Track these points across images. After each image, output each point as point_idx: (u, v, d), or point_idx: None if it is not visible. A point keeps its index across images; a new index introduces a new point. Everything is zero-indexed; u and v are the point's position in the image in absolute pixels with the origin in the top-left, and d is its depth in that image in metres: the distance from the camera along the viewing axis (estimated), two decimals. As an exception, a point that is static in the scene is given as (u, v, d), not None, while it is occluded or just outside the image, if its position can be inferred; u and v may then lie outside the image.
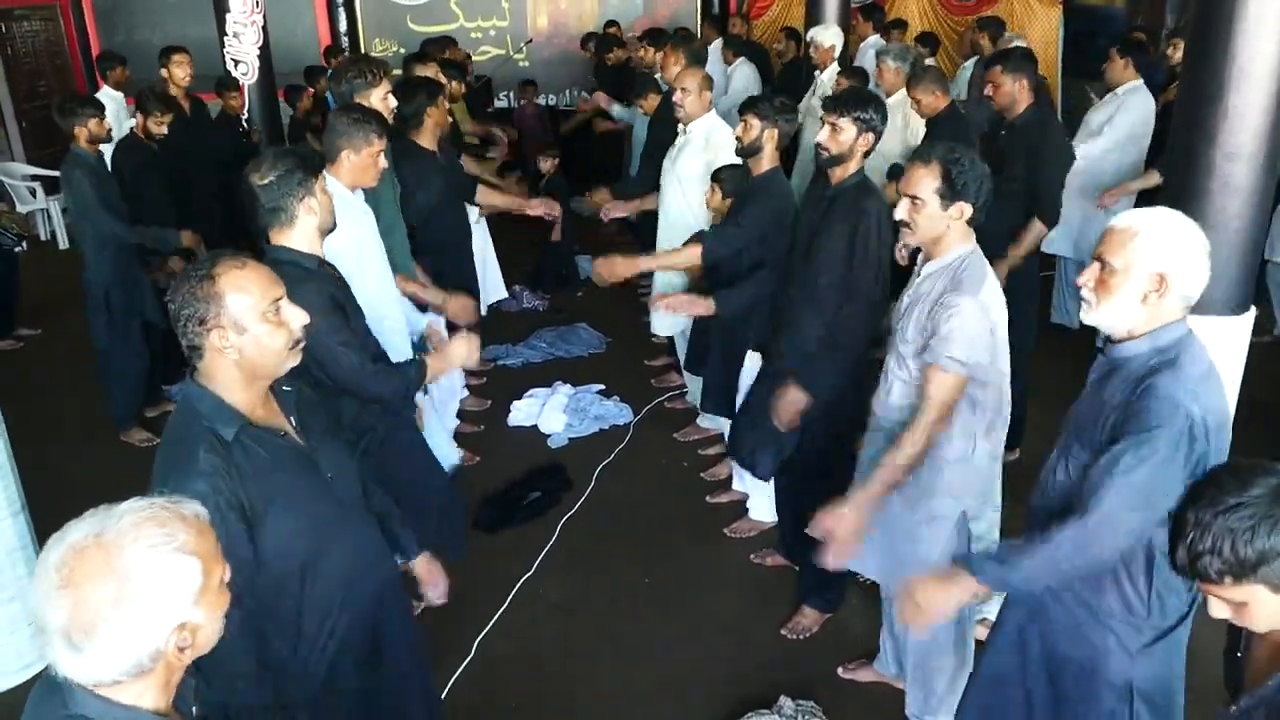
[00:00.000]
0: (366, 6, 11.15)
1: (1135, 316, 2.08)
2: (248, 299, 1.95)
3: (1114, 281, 2.07)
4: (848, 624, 3.67)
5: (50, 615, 1.30)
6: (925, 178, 2.61)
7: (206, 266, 1.96)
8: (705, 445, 5.05)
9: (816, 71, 6.90)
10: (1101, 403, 2.14)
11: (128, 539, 1.33)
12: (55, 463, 4.81)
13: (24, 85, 10.01)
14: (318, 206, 2.68)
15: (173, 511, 1.39)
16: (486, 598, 3.87)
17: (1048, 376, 4.72)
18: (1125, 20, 10.27)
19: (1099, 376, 2.21)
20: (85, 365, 5.42)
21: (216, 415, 1.97)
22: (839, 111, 3.22)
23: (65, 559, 1.31)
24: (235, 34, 6.66)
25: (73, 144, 4.94)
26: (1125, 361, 2.12)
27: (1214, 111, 3.20)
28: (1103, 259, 2.09)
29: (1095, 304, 2.11)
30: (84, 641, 1.29)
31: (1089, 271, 2.12)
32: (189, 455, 1.92)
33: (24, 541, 3.50)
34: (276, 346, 2.01)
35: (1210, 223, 3.17)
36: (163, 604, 1.33)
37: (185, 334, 1.96)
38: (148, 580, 1.32)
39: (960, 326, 2.56)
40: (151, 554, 1.33)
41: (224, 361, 1.98)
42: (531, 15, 11.41)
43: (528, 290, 7.27)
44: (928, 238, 2.67)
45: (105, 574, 1.30)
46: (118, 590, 1.30)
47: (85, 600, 1.29)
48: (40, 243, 9.17)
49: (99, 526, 1.34)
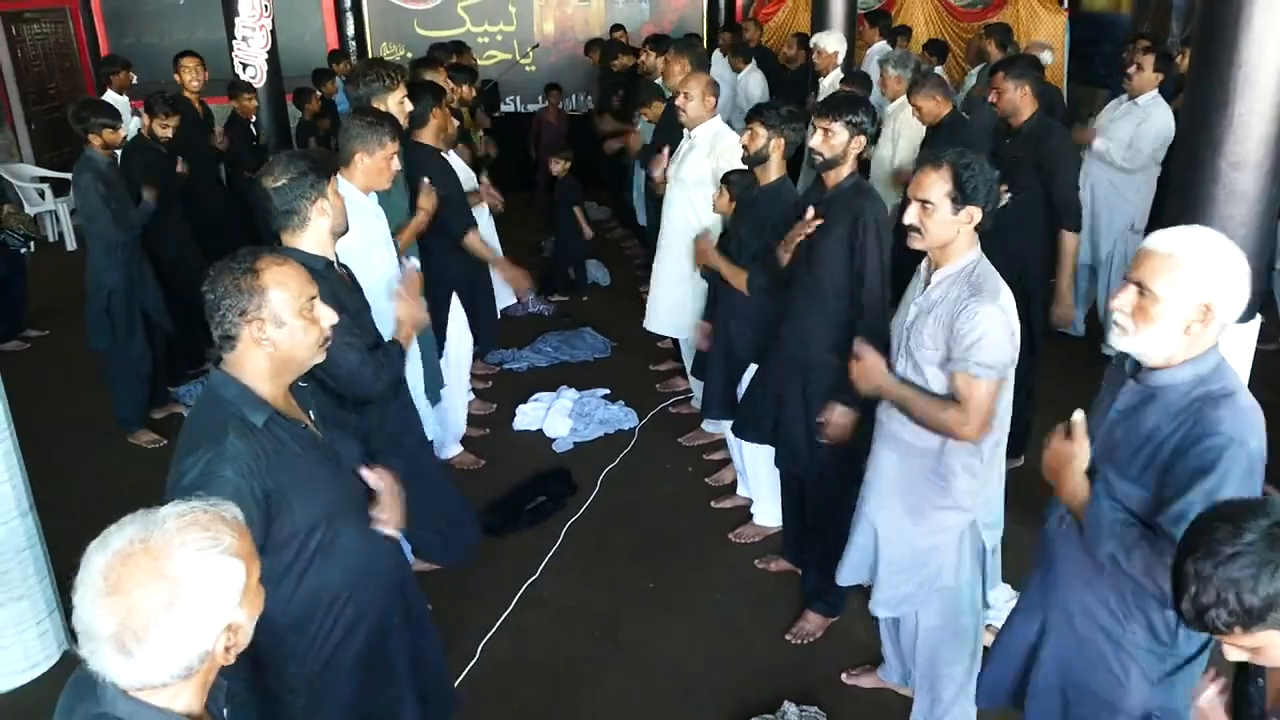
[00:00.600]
0: (374, 11, 11.18)
1: (1175, 346, 2.00)
2: (287, 294, 2.03)
3: (1155, 310, 1.97)
4: (852, 629, 3.68)
5: (99, 622, 1.31)
6: (936, 181, 2.60)
7: (249, 260, 2.03)
8: (710, 450, 5.05)
9: (820, 77, 6.93)
10: (1140, 434, 2.06)
11: (175, 543, 1.34)
12: (63, 464, 4.83)
13: (33, 88, 10.05)
14: (329, 209, 2.71)
15: (214, 514, 1.41)
16: (491, 601, 3.88)
17: (1052, 384, 4.73)
18: (1130, 28, 10.26)
19: (1132, 404, 2.11)
20: (92, 367, 5.44)
21: (245, 402, 2.03)
22: (830, 116, 3.28)
23: (112, 565, 1.32)
24: (244, 37, 6.69)
25: (87, 147, 4.97)
26: (1163, 390, 2.04)
27: (1220, 119, 3.20)
28: (1143, 285, 1.98)
29: (1132, 331, 2.02)
30: (136, 646, 1.31)
31: (1125, 296, 2.02)
32: (217, 440, 1.96)
33: (32, 541, 3.50)
34: (309, 342, 2.09)
35: (1216, 230, 3.17)
36: (213, 606, 1.35)
37: (222, 324, 2.01)
38: (198, 583, 1.34)
39: (986, 332, 2.55)
40: (200, 557, 1.35)
41: (257, 353, 2.04)
42: (538, 20, 11.44)
43: (534, 294, 7.28)
44: (937, 242, 2.66)
45: (155, 579, 1.31)
46: (169, 594, 1.31)
47: (136, 606, 1.30)
48: (48, 244, 9.21)
49: (144, 532, 1.35)
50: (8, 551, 3.42)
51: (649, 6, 11.48)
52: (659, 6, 11.48)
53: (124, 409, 5.30)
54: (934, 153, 2.69)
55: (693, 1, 11.50)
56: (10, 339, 6.71)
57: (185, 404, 5.68)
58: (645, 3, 11.47)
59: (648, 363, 6.08)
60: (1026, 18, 9.51)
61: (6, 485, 3.40)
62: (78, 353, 5.99)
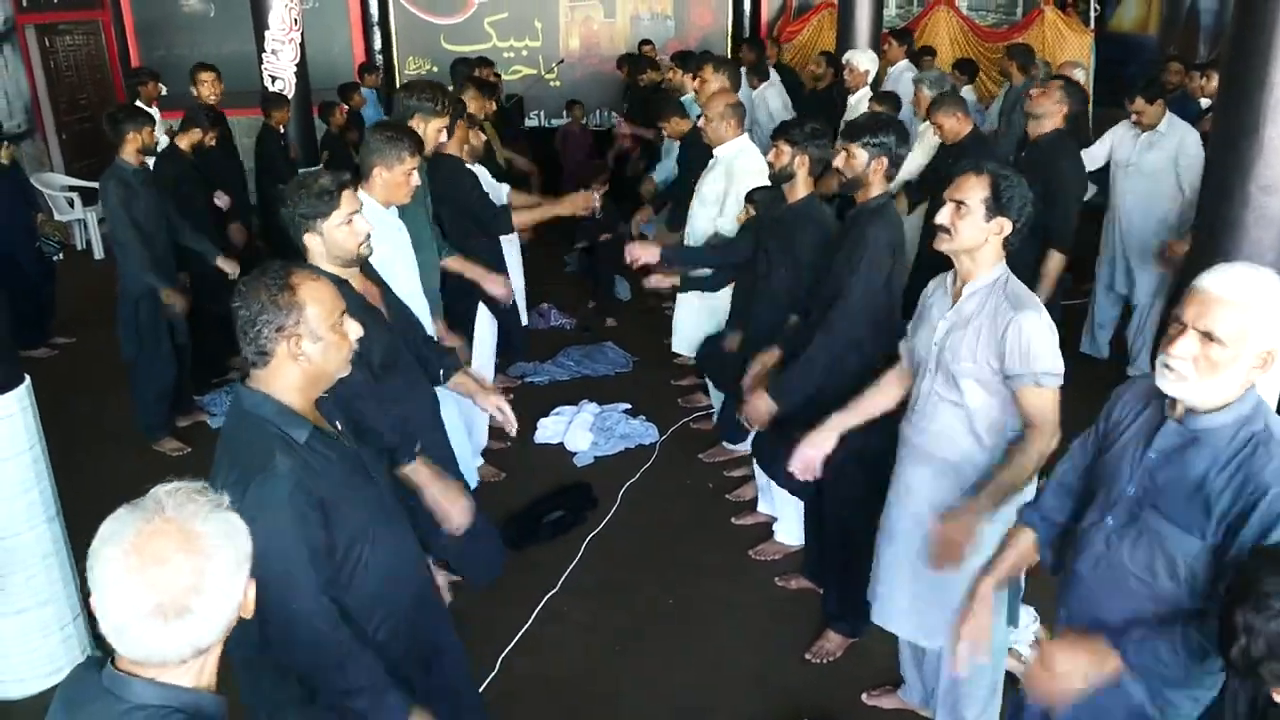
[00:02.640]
0: (401, 25, 11.30)
1: (1234, 393, 1.94)
2: (322, 310, 2.04)
3: (1223, 359, 1.88)
4: (873, 649, 3.65)
5: (135, 600, 1.32)
6: (975, 186, 2.62)
7: (284, 276, 2.03)
8: (731, 466, 5.05)
9: (849, 95, 6.94)
10: (1189, 481, 1.99)
11: (187, 510, 1.38)
12: (88, 470, 4.87)
13: (65, 98, 10.19)
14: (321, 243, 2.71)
15: (197, 486, 1.43)
16: (511, 615, 3.88)
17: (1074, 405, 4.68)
18: (1157, 49, 10.25)
19: (1174, 446, 2.03)
20: (118, 374, 5.49)
21: (284, 420, 2.04)
22: (849, 137, 3.30)
23: (137, 544, 1.34)
24: (273, 50, 6.77)
25: (117, 156, 5.02)
26: (1208, 434, 1.97)
27: (1249, 144, 3.19)
28: (1211, 334, 1.88)
29: (1193, 379, 1.92)
30: (185, 611, 1.33)
31: (1187, 343, 1.91)
32: (264, 460, 1.97)
33: (58, 547, 3.54)
34: (341, 356, 2.12)
35: (1245, 255, 3.16)
36: (241, 557, 1.40)
37: (257, 339, 2.01)
38: (224, 537, 1.38)
39: (1040, 340, 2.56)
40: (216, 515, 1.39)
41: (291, 368, 2.05)
42: (564, 36, 11.53)
43: (555, 308, 7.30)
44: (964, 246, 2.66)
45: (186, 541, 1.35)
46: (205, 551, 1.36)
47: (175, 573, 1.33)
48: (76, 252, 9.31)
49: (150, 510, 1.37)
50: (33, 557, 3.45)
51: (674, 24, 11.55)
52: (684, 23, 11.55)
53: (149, 417, 5.35)
54: (977, 161, 2.72)
55: (717, 19, 11.56)
56: (39, 346, 6.78)
57: (209, 412, 5.73)
58: (670, 20, 11.55)
59: (669, 378, 6.08)
60: (1052, 38, 9.50)
61: (34, 491, 3.44)
62: (104, 360, 6.06)
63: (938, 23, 10.35)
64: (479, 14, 11.37)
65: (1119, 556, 2.12)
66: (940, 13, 10.38)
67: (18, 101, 9.45)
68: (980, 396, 2.68)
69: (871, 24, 7.39)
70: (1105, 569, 2.16)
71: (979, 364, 2.64)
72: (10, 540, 3.38)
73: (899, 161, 3.30)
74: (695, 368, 5.72)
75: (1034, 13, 10.10)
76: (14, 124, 9.17)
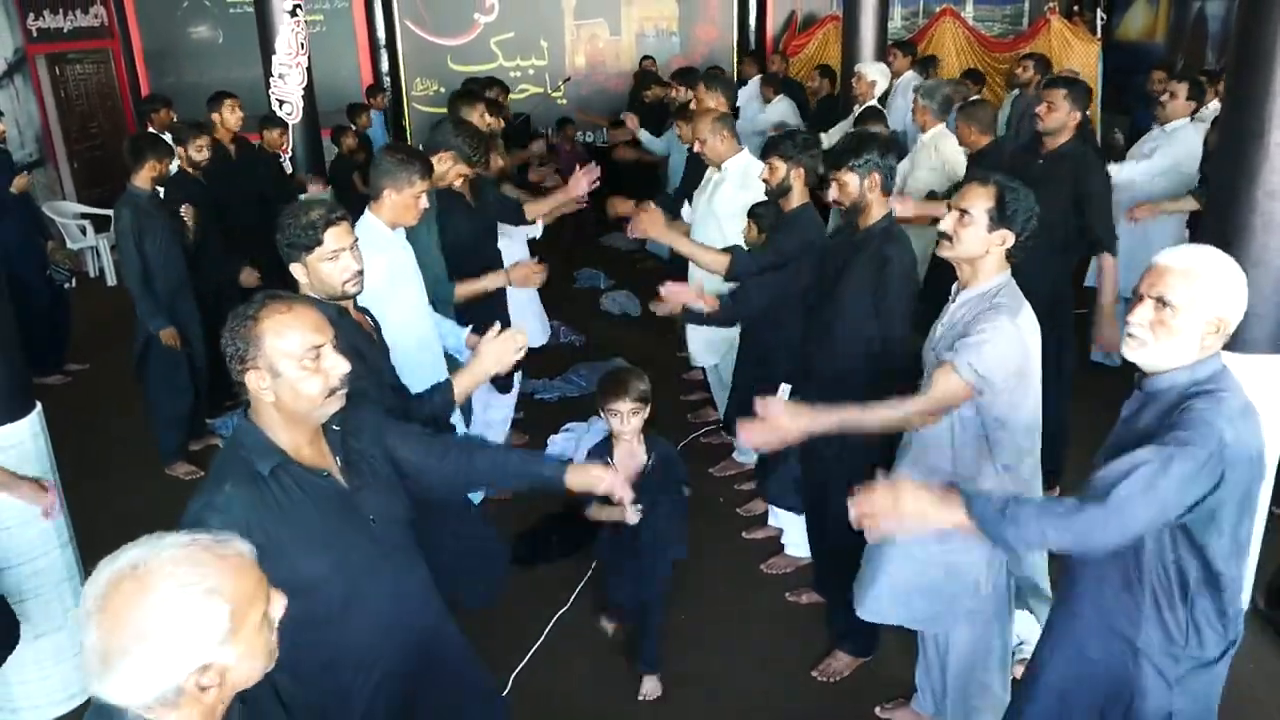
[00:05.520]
0: (408, 47, 11.37)
1: (1190, 357, 2.07)
2: (285, 344, 1.98)
3: (1176, 323, 2.04)
4: (886, 663, 3.64)
5: (88, 634, 1.33)
6: (980, 196, 2.65)
7: (254, 307, 2.00)
8: (741, 480, 5.04)
9: (855, 105, 6.97)
10: (1135, 434, 2.13)
11: (164, 573, 1.35)
12: (102, 495, 4.89)
13: (76, 126, 10.28)
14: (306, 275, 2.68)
15: (213, 552, 1.40)
16: (522, 631, 3.88)
17: (1090, 416, 4.66)
18: (1165, 57, 10.23)
19: (1131, 412, 2.21)
20: (131, 399, 5.52)
21: (255, 450, 2.02)
22: (834, 165, 3.30)
23: (105, 585, 1.34)
24: (280, 75, 6.82)
25: (130, 182, 5.06)
26: (1161, 393, 2.12)
27: (1256, 148, 3.18)
28: (1163, 299, 2.05)
29: (1151, 343, 2.08)
30: (112, 665, 1.32)
31: (1143, 309, 2.08)
32: (215, 488, 1.96)
33: (71, 573, 3.55)
34: (310, 393, 2.01)
35: (1253, 260, 3.14)
36: (182, 645, 1.34)
37: (231, 370, 2.01)
38: (170, 620, 1.33)
39: (990, 341, 2.58)
40: (180, 594, 1.34)
41: (261, 401, 2.02)
42: (570, 54, 11.58)
43: (564, 325, 7.32)
44: (965, 255, 2.68)
45: (135, 606, 1.32)
46: (141, 625, 1.32)
47: (114, 628, 1.32)
48: (89, 279, 9.38)
49: (142, 558, 1.36)
50: (47, 583, 3.47)
51: (679, 40, 11.59)
52: (689, 40, 11.59)
53: (163, 441, 5.37)
54: (984, 172, 2.74)
55: (722, 35, 11.61)
56: (52, 373, 6.82)
57: (221, 435, 5.74)
58: (676, 36, 11.60)
59: (678, 393, 6.08)
60: (1059, 47, 9.50)
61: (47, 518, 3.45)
62: (116, 386, 6.10)
63: (943, 33, 10.37)
64: (485, 34, 11.44)
65: None
66: (946, 23, 10.40)
67: (29, 130, 9.54)
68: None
69: (876, 36, 7.40)
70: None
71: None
72: (24, 566, 3.40)
73: (891, 172, 3.28)
74: (704, 383, 5.72)
75: (1040, 22, 10.11)
76: (25, 153, 9.26)
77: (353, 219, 2.83)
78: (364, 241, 2.82)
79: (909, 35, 10.84)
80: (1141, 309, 2.08)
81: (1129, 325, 2.11)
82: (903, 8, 11.69)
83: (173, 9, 11.00)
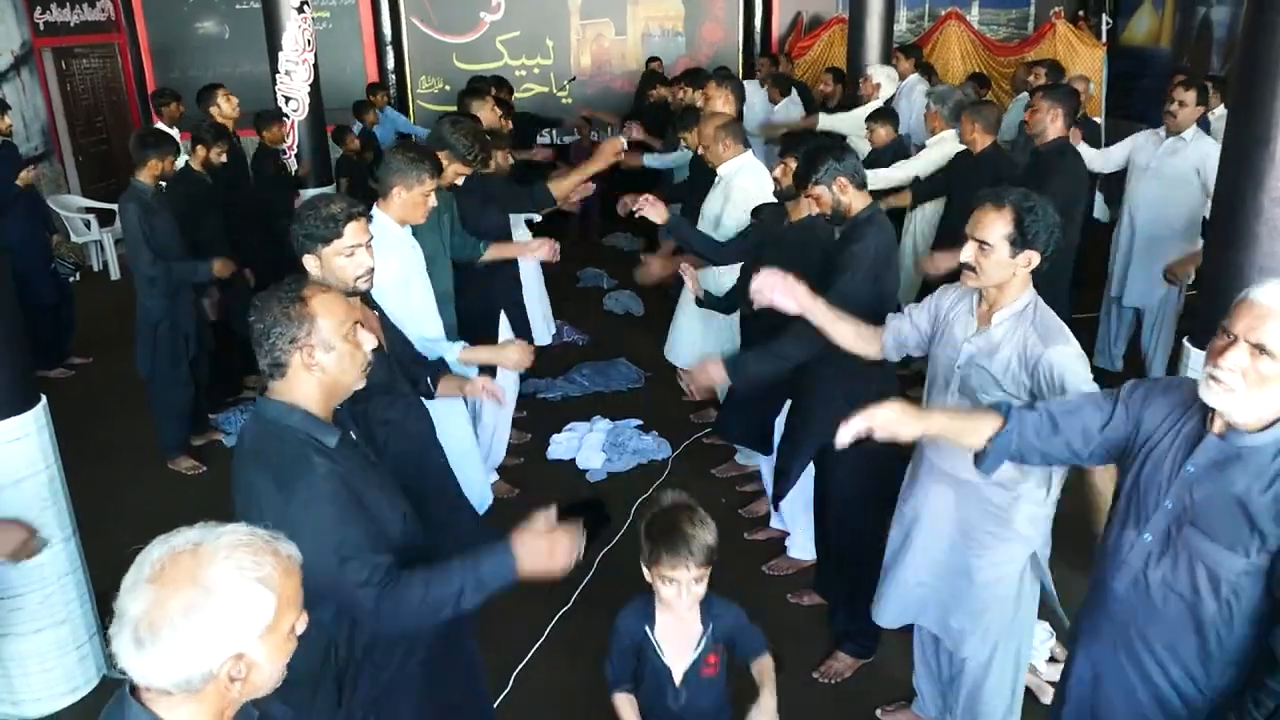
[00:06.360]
0: (414, 45, 11.38)
1: (1277, 408, 1.91)
2: (333, 320, 2.08)
3: (1273, 373, 1.85)
4: (887, 665, 3.64)
5: (131, 603, 1.35)
6: (996, 222, 2.55)
7: (296, 289, 2.08)
8: (743, 482, 5.04)
9: (859, 106, 6.98)
10: (1228, 497, 1.96)
11: (220, 555, 1.38)
12: (105, 489, 4.90)
13: (81, 120, 10.29)
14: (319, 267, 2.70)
15: (269, 545, 1.44)
16: (524, 630, 3.88)
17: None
18: (1170, 62, 10.23)
19: (1214, 462, 2.00)
20: (134, 394, 5.53)
21: (313, 426, 2.08)
22: (802, 185, 3.38)
23: (162, 557, 1.37)
24: (287, 71, 6.83)
25: (134, 178, 5.06)
26: (1252, 451, 1.93)
27: (1261, 155, 3.18)
28: (1264, 347, 1.85)
29: (1239, 391, 1.89)
30: (148, 640, 1.33)
31: (1238, 355, 1.88)
32: (304, 466, 2.01)
33: (74, 566, 3.56)
34: (355, 367, 2.13)
35: (1259, 267, 3.14)
36: (228, 627, 1.37)
37: (272, 351, 2.05)
38: (222, 600, 1.36)
39: (1073, 373, 2.50)
40: (236, 576, 1.38)
41: (307, 379, 2.08)
42: (575, 53, 11.58)
43: (568, 324, 7.32)
44: (992, 283, 2.62)
45: (188, 582, 1.35)
46: (192, 600, 1.34)
47: (163, 600, 1.34)
48: (93, 274, 9.39)
49: (203, 538, 1.40)
50: (50, 576, 3.47)
51: (685, 40, 11.60)
52: (695, 40, 11.59)
53: (165, 436, 5.38)
54: (998, 191, 2.62)
55: (728, 35, 11.61)
56: (56, 366, 6.83)
57: (224, 431, 5.75)
58: (681, 36, 11.60)
59: (681, 393, 6.05)
60: (1064, 52, 9.48)
61: (50, 511, 3.46)
62: (119, 380, 6.11)
63: (949, 37, 10.36)
64: (491, 33, 11.44)
65: (1160, 575, 2.09)
66: (951, 26, 10.39)
67: (35, 124, 9.55)
68: None
69: (882, 39, 7.42)
70: (1145, 588, 2.12)
71: (1004, 393, 2.60)
72: (26, 560, 3.40)
73: (855, 169, 3.30)
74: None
75: (1046, 26, 10.10)
76: (31, 146, 9.27)
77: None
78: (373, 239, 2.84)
79: (914, 38, 10.84)
80: (1235, 354, 1.88)
81: (1217, 368, 1.90)
82: (908, 11, 11.69)
83: (179, 4, 11.01)
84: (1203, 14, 9.95)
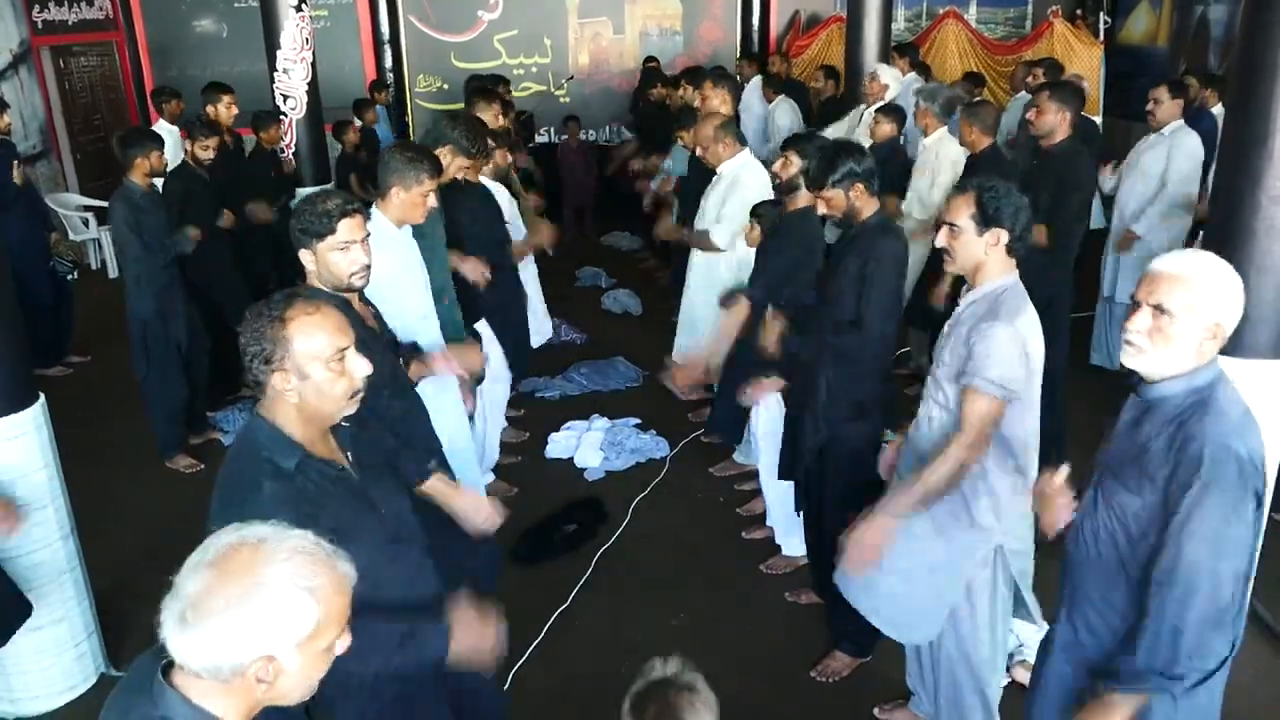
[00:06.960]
0: (412, 44, 11.36)
1: (1187, 363, 2.08)
2: (313, 346, 1.98)
3: (1173, 329, 2.05)
4: (885, 664, 3.64)
5: (188, 582, 1.37)
6: (961, 205, 2.70)
7: (280, 308, 1.99)
8: (741, 480, 5.04)
9: (862, 106, 6.98)
10: (1137, 445, 2.14)
11: (279, 557, 1.39)
12: (103, 488, 4.90)
13: (79, 119, 10.28)
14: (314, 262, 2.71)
15: (329, 559, 1.44)
16: (523, 629, 3.87)
17: (1088, 416, 4.67)
18: (1167, 61, 10.24)
19: (1132, 419, 2.21)
20: (133, 392, 5.52)
21: (275, 446, 2.00)
22: (817, 185, 3.37)
23: (229, 544, 1.39)
24: (285, 70, 6.81)
25: (126, 177, 5.05)
26: (1160, 402, 2.12)
27: (1259, 154, 3.18)
28: (1161, 306, 2.05)
29: (1148, 350, 2.08)
30: (192, 620, 1.35)
31: (1141, 317, 2.08)
32: (253, 487, 1.94)
33: (72, 564, 3.56)
34: (335, 394, 2.03)
35: (1256, 265, 3.15)
36: (267, 628, 1.37)
37: (251, 368, 2.00)
38: (268, 600, 1.37)
39: (995, 350, 2.61)
40: (289, 581, 1.38)
41: (284, 400, 2.02)
42: (573, 52, 11.57)
43: (565, 323, 7.32)
44: (967, 265, 2.74)
45: (243, 574, 1.36)
46: (241, 592, 1.35)
47: (218, 585, 1.35)
48: (91, 271, 9.38)
49: (269, 535, 1.41)
50: (49, 574, 3.47)
51: (683, 39, 11.59)
52: (693, 39, 11.58)
53: (163, 435, 5.38)
54: (962, 181, 2.79)
55: (726, 34, 11.59)
56: (55, 364, 6.82)
57: (223, 429, 5.75)
58: (679, 35, 11.58)
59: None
60: (1062, 51, 9.48)
61: (49, 509, 3.46)
62: (117, 378, 6.10)
63: (946, 35, 10.36)
64: (489, 31, 11.42)
65: (1092, 526, 2.25)
66: (949, 25, 10.39)
67: (33, 122, 9.54)
68: (955, 400, 2.75)
69: (880, 38, 7.40)
70: (1082, 543, 2.29)
71: (949, 366, 2.74)
72: (24, 558, 3.40)
73: (870, 175, 3.32)
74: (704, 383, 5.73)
75: (1043, 25, 10.09)
76: (29, 145, 9.26)
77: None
78: (370, 238, 2.83)
79: (912, 37, 10.83)
80: (1139, 316, 2.09)
81: (1127, 332, 2.12)
82: (906, 9, 11.68)
83: (177, 3, 11.00)
84: (1200, 13, 9.96)
